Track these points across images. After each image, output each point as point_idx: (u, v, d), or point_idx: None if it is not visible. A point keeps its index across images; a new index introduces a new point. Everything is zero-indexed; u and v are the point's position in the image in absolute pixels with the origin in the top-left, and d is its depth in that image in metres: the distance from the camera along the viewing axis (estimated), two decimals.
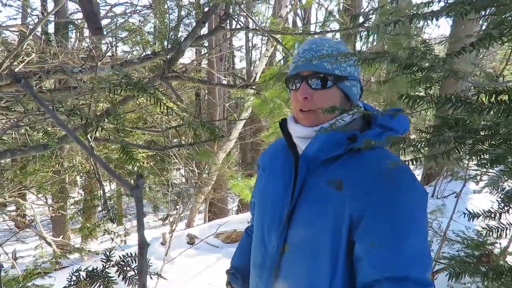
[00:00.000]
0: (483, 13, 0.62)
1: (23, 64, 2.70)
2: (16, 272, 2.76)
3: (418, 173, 8.01)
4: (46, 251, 5.17)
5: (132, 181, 0.34)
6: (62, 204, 5.04)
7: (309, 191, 0.93)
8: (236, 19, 2.62)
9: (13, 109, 1.93)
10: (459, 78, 0.73)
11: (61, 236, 5.42)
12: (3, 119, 2.46)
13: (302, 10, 8.48)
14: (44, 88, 2.60)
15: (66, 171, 3.95)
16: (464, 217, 0.98)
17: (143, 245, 0.30)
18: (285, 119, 1.06)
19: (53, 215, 5.58)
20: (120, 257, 1.02)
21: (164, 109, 1.17)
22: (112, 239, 4.26)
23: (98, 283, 0.91)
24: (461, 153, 0.68)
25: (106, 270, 0.98)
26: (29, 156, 3.74)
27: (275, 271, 0.97)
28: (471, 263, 1.53)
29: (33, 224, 5.17)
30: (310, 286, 0.90)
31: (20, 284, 1.78)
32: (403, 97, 0.67)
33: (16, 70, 2.43)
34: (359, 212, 0.83)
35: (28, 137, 3.01)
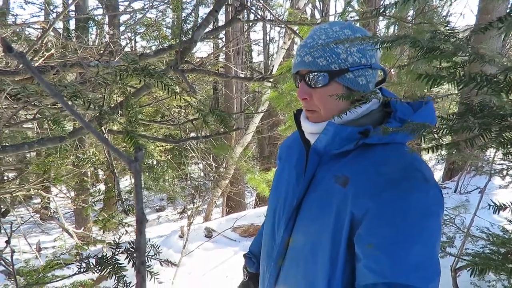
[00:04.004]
0: None
1: (43, 59, 2.75)
2: (39, 263, 2.84)
3: (441, 168, 7.81)
4: (68, 242, 5.31)
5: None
6: (83, 196, 5.16)
7: (317, 184, 0.90)
8: (253, 11, 2.59)
9: (34, 103, 1.97)
10: (485, 62, 0.68)
11: (82, 228, 5.56)
12: (26, 114, 2.52)
13: (320, 2, 8.35)
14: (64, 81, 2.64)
15: (81, 163, 4.03)
16: (489, 208, 0.92)
17: (141, 220, 0.28)
18: (300, 110, 1.03)
19: (75, 207, 5.71)
20: (129, 244, 1.02)
21: (179, 100, 1.16)
22: (126, 231, 4.34)
23: (108, 270, 0.91)
24: (486, 140, 0.62)
25: (116, 256, 0.98)
26: (51, 149, 3.83)
27: (279, 263, 0.96)
28: (496, 260, 1.46)
29: (56, 216, 5.32)
30: (308, 283, 0.87)
31: (40, 275, 1.83)
32: (423, 77, 0.62)
33: (36, 64, 2.48)
34: (361, 212, 0.78)
35: (50, 132, 3.08)
